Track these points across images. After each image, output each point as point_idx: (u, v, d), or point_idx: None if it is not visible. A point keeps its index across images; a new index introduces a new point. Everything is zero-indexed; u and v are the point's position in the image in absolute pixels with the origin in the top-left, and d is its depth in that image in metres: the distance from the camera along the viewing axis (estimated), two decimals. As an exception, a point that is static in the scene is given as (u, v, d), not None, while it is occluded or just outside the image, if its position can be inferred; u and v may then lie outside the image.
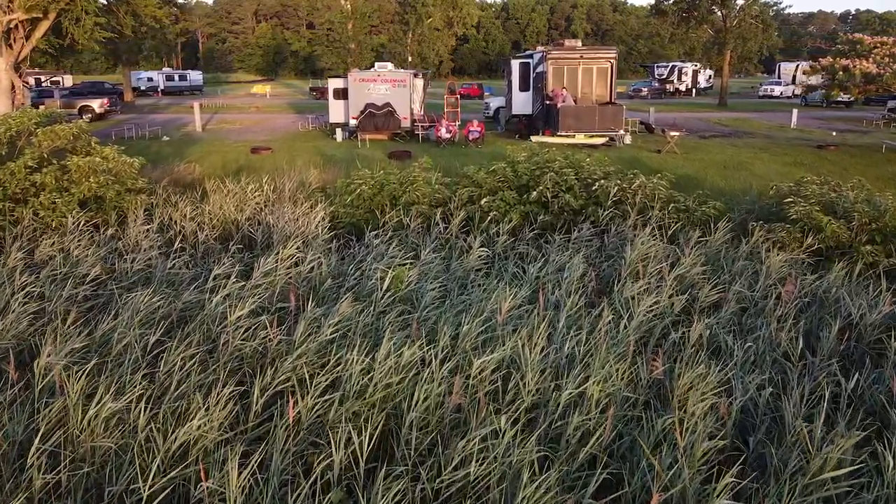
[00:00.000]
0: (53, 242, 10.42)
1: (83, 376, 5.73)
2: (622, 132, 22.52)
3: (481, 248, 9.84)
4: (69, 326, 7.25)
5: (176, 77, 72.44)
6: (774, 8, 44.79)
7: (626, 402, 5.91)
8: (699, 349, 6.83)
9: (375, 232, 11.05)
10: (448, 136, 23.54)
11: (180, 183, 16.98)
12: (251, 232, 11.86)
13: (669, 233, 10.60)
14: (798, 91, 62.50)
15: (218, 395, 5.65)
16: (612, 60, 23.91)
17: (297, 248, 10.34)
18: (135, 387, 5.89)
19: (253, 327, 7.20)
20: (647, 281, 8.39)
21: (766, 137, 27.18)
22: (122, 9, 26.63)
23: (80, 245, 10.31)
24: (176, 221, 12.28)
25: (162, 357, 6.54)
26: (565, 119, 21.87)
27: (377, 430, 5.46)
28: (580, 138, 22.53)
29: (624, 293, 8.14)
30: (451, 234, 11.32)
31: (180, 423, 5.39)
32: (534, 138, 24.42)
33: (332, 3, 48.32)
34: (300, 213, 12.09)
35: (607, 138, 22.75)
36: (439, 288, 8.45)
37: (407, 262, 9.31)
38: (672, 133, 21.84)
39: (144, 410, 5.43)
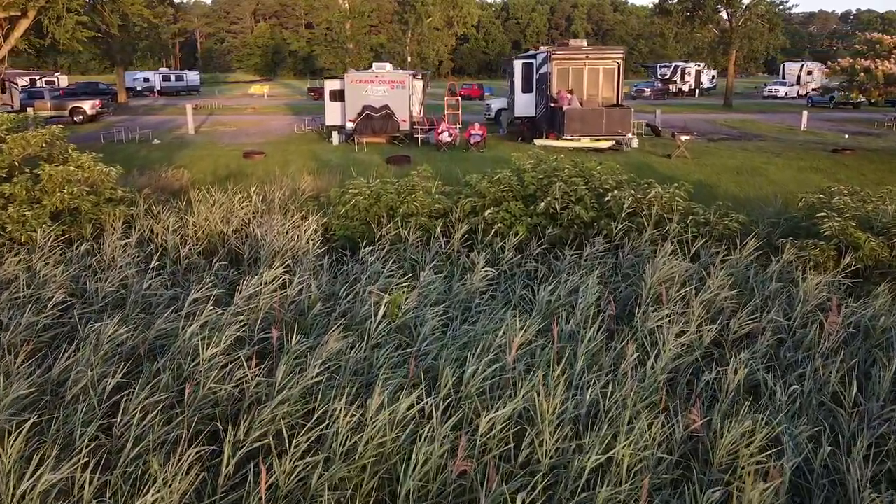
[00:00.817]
0: (20, 260, 9.56)
1: (22, 434, 4.88)
2: (630, 136, 21.67)
3: (486, 268, 8.97)
4: (22, 364, 6.40)
5: (172, 77, 71.74)
6: (780, 7, 43.90)
7: (661, 462, 5.06)
8: (738, 394, 5.97)
9: (371, 248, 10.20)
10: (449, 139, 22.66)
11: (167, 190, 16.16)
12: (237, 247, 11.01)
13: (691, 250, 9.75)
14: (802, 91, 61.89)
15: (181, 456, 4.80)
16: (619, 61, 23.00)
17: (286, 265, 9.53)
18: (85, 443, 5.05)
19: (230, 364, 6.36)
20: (671, 308, 7.54)
21: (777, 140, 26.36)
22: (108, 7, 25.65)
23: (48, 263, 9.45)
24: (158, 234, 11.43)
25: (124, 401, 5.69)
26: (571, 122, 20.99)
27: (369, 502, 4.63)
28: (586, 142, 21.71)
29: (647, 322, 7.30)
30: (453, 249, 10.48)
31: (135, 496, 4.55)
32: (537, 141, 23.57)
33: (329, 2, 47.43)
34: (290, 226, 11.24)
35: (614, 142, 21.92)
36: (440, 316, 7.60)
37: (404, 283, 8.46)
38: (682, 137, 20.95)
39: (91, 480, 4.57)
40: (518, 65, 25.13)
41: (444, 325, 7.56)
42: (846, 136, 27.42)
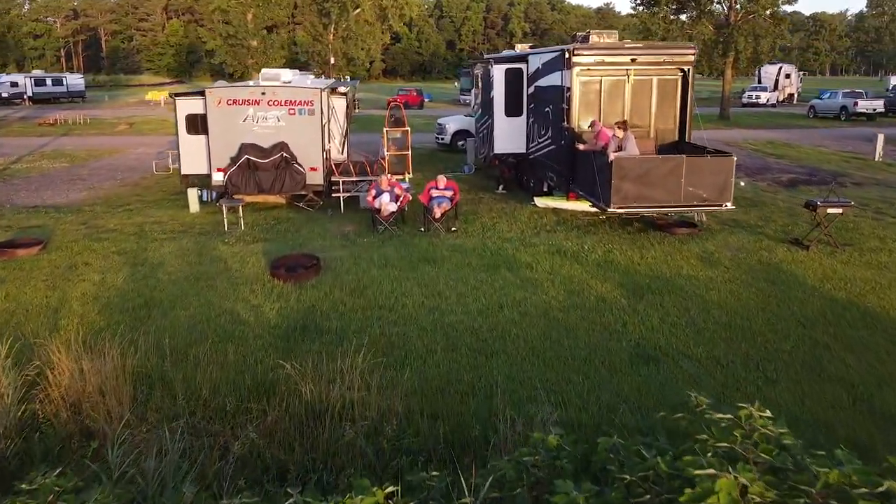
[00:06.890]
0: None
1: None
2: (730, 205, 12.11)
3: None
4: None
5: (48, 81, 59.98)
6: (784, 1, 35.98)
7: None
8: None
9: None
10: (393, 209, 12.82)
11: None
12: None
13: None
14: (781, 97, 55.12)
15: None
16: (685, 68, 13.53)
17: None
18: None
19: None
20: None
21: (882, 185, 17.88)
22: None
23: None
24: None
25: None
26: (622, 182, 11.30)
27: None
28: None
29: None
30: None
31: None
32: (539, 201, 14.29)
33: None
34: None
35: (673, 206, 12.56)
36: None
37: None
38: (831, 210, 11.59)
39: None
40: (498, 72, 15.63)
41: None
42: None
